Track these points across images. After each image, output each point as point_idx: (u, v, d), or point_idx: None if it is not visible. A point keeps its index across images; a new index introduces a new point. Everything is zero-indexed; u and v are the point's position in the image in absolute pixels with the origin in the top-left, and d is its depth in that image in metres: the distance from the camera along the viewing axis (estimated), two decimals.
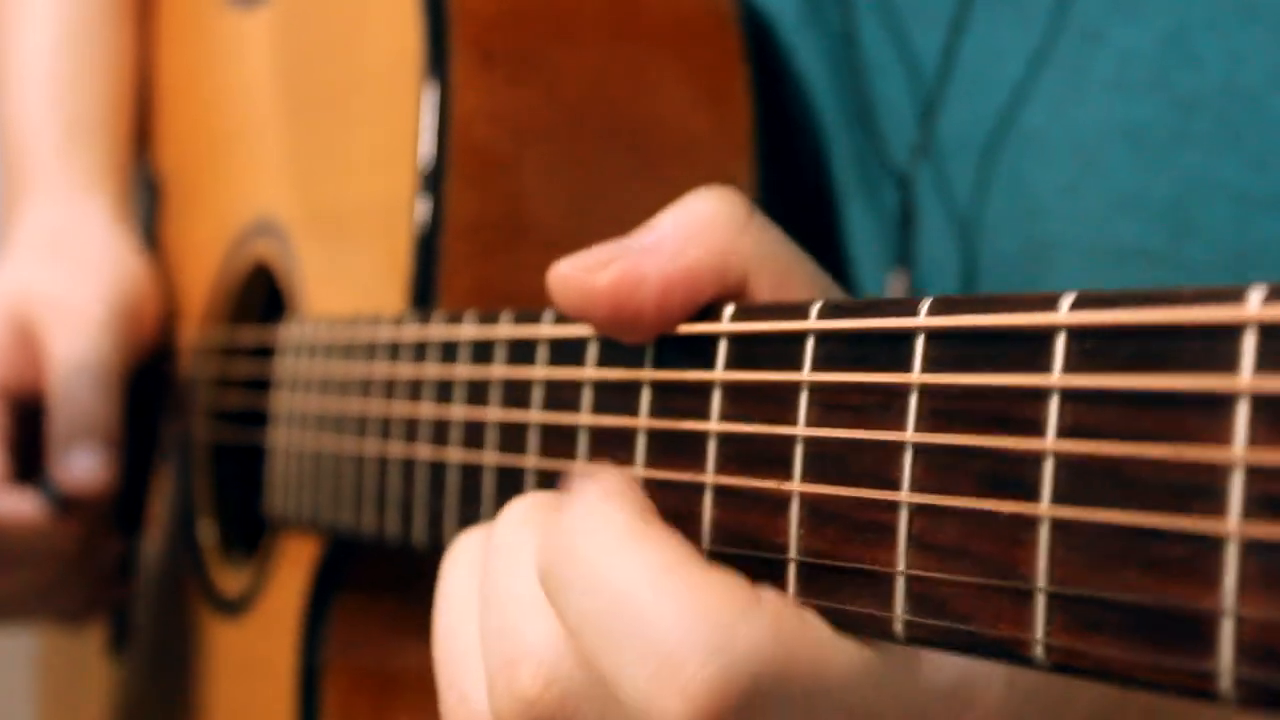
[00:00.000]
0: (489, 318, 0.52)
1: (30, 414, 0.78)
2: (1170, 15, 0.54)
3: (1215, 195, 0.53)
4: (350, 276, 0.66)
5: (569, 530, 0.39)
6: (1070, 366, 0.33)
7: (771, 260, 0.44)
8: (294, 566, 0.68)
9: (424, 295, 0.60)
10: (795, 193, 0.67)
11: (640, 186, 0.63)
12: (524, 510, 0.43)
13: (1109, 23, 0.56)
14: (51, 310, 0.77)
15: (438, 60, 0.61)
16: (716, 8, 0.66)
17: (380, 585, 0.64)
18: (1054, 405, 0.33)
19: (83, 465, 0.75)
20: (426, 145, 0.60)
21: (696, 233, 0.44)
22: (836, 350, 0.38)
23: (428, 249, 0.60)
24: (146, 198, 0.92)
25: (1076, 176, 0.57)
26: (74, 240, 0.81)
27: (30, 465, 0.78)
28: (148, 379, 0.83)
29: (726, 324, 0.42)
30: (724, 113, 0.65)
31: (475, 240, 0.61)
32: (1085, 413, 0.32)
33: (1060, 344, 0.33)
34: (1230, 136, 0.53)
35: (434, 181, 0.60)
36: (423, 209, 0.60)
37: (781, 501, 0.39)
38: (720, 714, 0.35)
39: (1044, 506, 0.33)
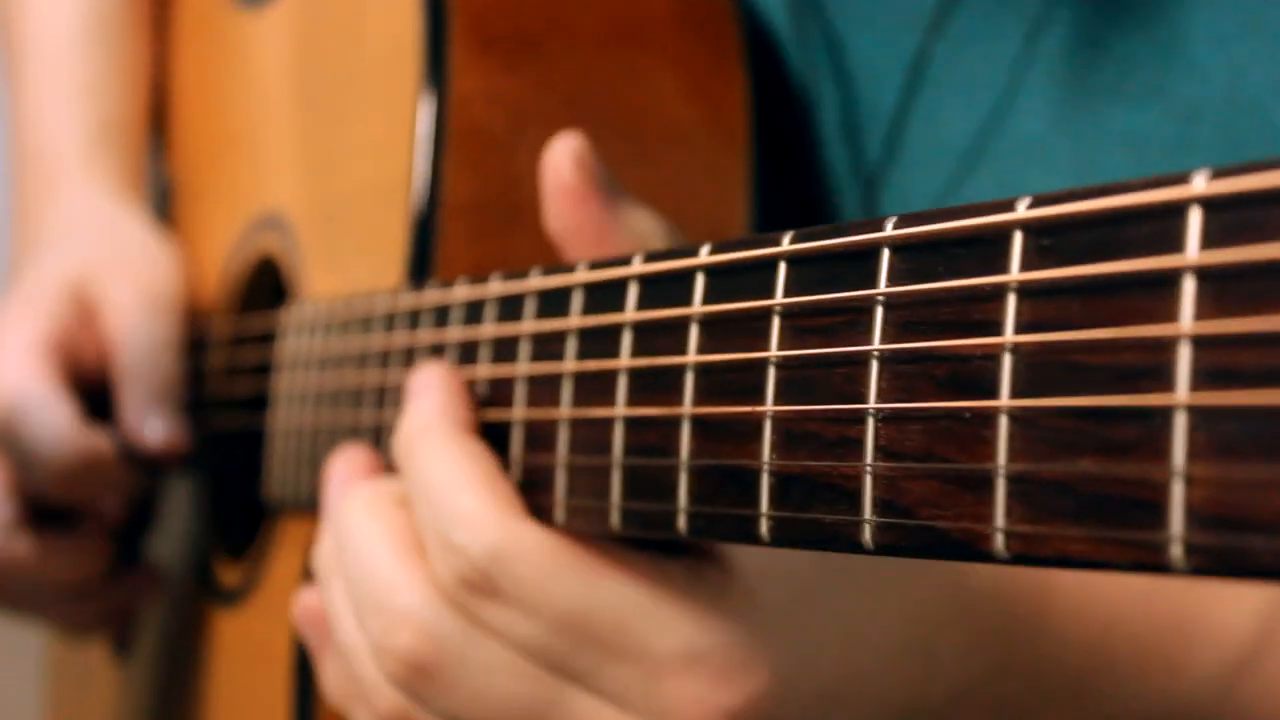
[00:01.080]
0: (480, 279, 0.53)
1: (85, 382, 0.79)
2: (1170, 24, 0.55)
3: None
4: (350, 262, 0.68)
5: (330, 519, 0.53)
6: (1027, 264, 0.33)
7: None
8: (291, 550, 0.69)
9: (420, 277, 0.61)
10: (793, 191, 0.68)
11: (634, 175, 0.64)
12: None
13: (1107, 30, 0.56)
14: (117, 287, 0.79)
15: (436, 44, 0.62)
16: (714, 1, 0.67)
17: None
18: (1011, 303, 0.33)
19: (160, 427, 0.77)
20: (424, 126, 0.61)
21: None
22: (808, 273, 0.39)
23: (425, 229, 0.61)
24: (159, 200, 0.93)
25: (1077, 184, 0.57)
26: (116, 230, 0.83)
27: None
28: None
29: (704, 258, 0.43)
30: (719, 104, 0.66)
31: (472, 221, 0.62)
32: (1042, 308, 0.33)
33: (1017, 242, 0.34)
34: (1233, 146, 0.53)
35: (431, 162, 0.61)
36: (420, 189, 0.61)
37: (755, 426, 0.40)
38: (414, 660, 0.47)
39: (1003, 401, 0.33)
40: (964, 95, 0.61)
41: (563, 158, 0.52)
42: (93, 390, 0.78)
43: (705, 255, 0.43)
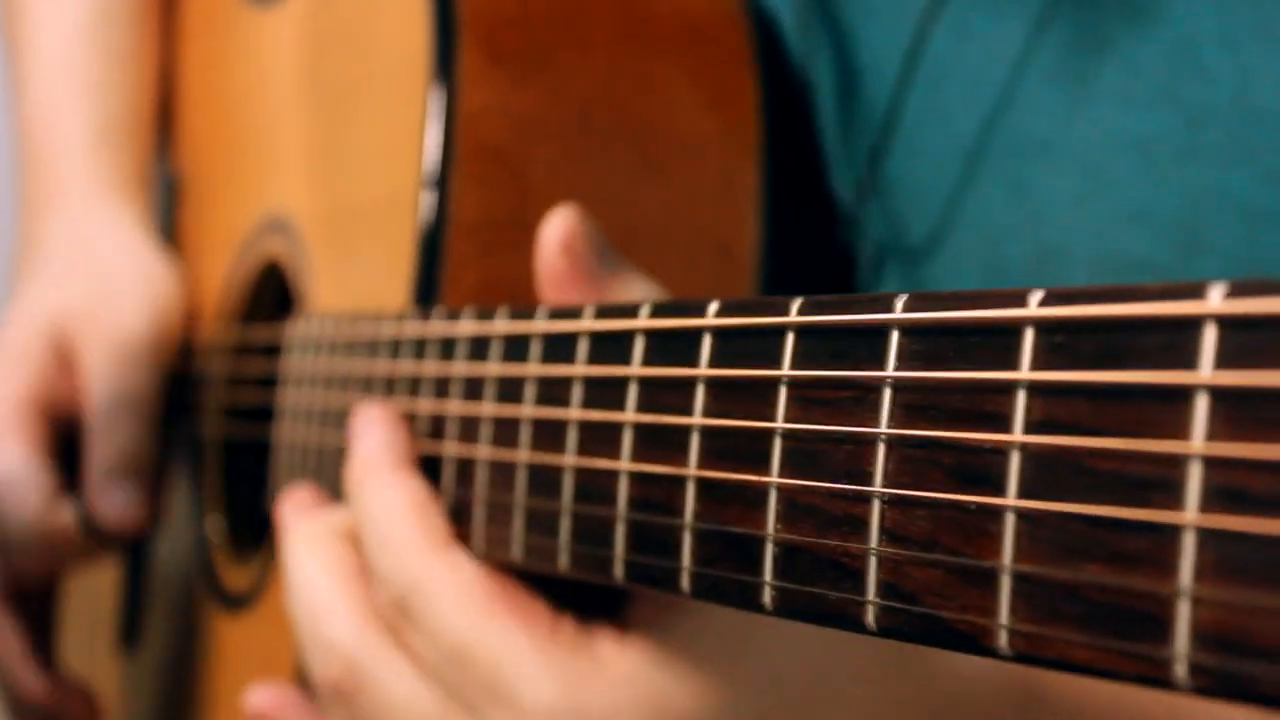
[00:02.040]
0: (486, 314, 0.53)
1: (62, 435, 0.80)
2: (1178, 27, 0.54)
3: (1225, 210, 0.53)
4: (356, 274, 0.67)
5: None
6: (1038, 361, 0.33)
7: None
8: None
9: (428, 293, 0.61)
10: (805, 198, 0.68)
11: (647, 187, 0.64)
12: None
13: (1114, 31, 0.56)
14: (91, 336, 0.79)
15: (445, 58, 0.62)
16: (725, 9, 0.67)
17: None
18: (1021, 399, 0.33)
19: (119, 500, 0.77)
20: (432, 142, 0.61)
21: None
22: (815, 346, 0.39)
23: (432, 246, 0.61)
24: (165, 196, 0.93)
25: (1084, 187, 0.57)
26: (107, 257, 0.82)
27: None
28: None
29: (711, 319, 0.42)
30: (731, 115, 0.66)
31: (480, 238, 0.61)
32: (1052, 406, 0.33)
33: (1029, 339, 0.33)
34: (1241, 151, 0.53)
35: (439, 178, 0.61)
36: (428, 205, 0.61)
37: (760, 495, 0.40)
38: (340, 687, 0.51)
39: (1010, 499, 0.33)
40: (966, 90, 0.60)
41: (550, 242, 0.54)
42: (76, 437, 0.78)
43: (713, 316, 0.42)
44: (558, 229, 0.54)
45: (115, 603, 0.92)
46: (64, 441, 0.78)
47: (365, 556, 0.53)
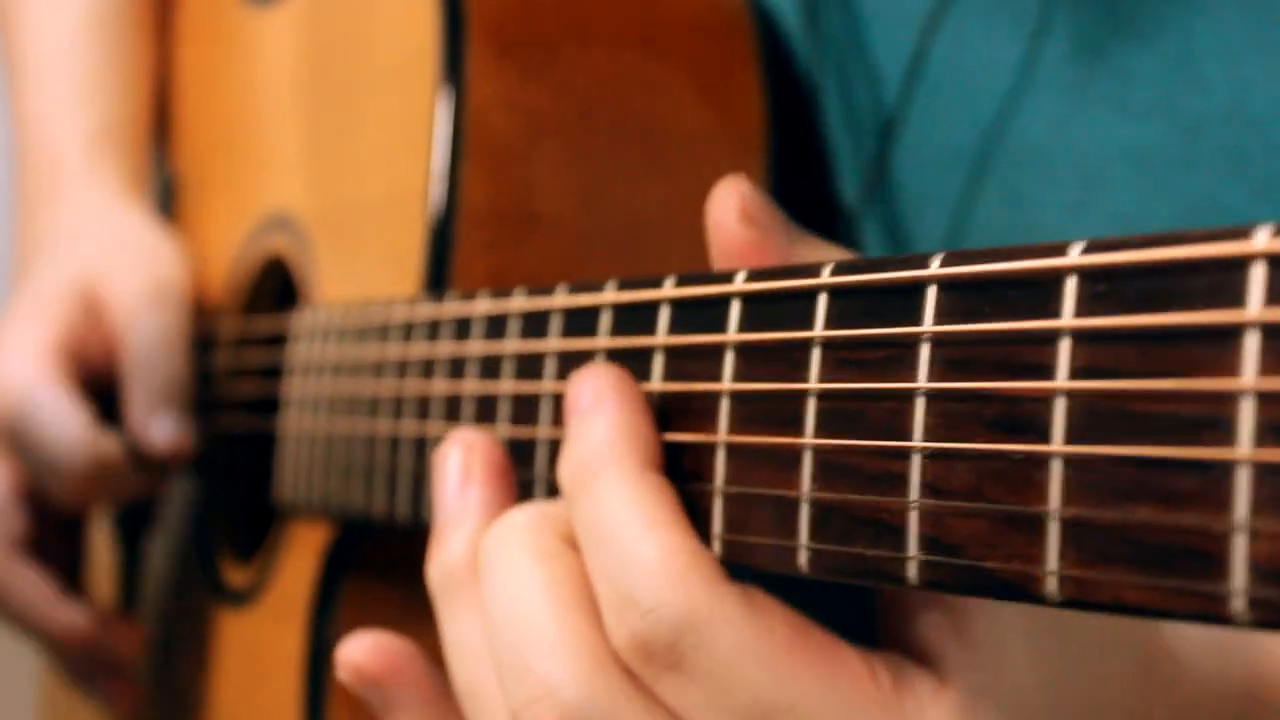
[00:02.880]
0: (502, 294, 0.53)
1: (95, 381, 0.79)
2: (1175, 37, 0.54)
3: (1220, 220, 0.53)
4: (362, 268, 0.67)
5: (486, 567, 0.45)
6: (1081, 309, 0.33)
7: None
8: (302, 553, 0.69)
9: (437, 283, 0.61)
10: (809, 200, 0.68)
11: (651, 182, 0.64)
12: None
13: (1111, 41, 0.56)
14: (118, 285, 0.79)
15: (454, 52, 0.62)
16: (731, 9, 0.67)
17: (389, 568, 0.65)
18: (1065, 347, 0.33)
19: (167, 429, 0.77)
20: (442, 134, 0.61)
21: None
22: (849, 306, 0.39)
23: (441, 237, 0.61)
24: (163, 197, 0.93)
25: (1080, 196, 0.57)
26: (117, 224, 0.83)
27: None
28: None
29: (740, 284, 0.42)
30: (735, 111, 0.66)
31: (488, 229, 0.61)
32: (1096, 353, 0.33)
33: (1071, 287, 0.33)
34: (1236, 163, 0.53)
35: (448, 169, 0.61)
36: (437, 196, 0.61)
37: (794, 457, 0.40)
38: None
39: (1057, 445, 0.33)
40: (966, 98, 0.61)
41: (727, 214, 0.45)
42: (104, 390, 0.78)
43: (742, 282, 0.42)
44: (730, 199, 0.45)
45: (111, 593, 0.92)
46: (97, 388, 0.78)
47: (595, 576, 0.42)
